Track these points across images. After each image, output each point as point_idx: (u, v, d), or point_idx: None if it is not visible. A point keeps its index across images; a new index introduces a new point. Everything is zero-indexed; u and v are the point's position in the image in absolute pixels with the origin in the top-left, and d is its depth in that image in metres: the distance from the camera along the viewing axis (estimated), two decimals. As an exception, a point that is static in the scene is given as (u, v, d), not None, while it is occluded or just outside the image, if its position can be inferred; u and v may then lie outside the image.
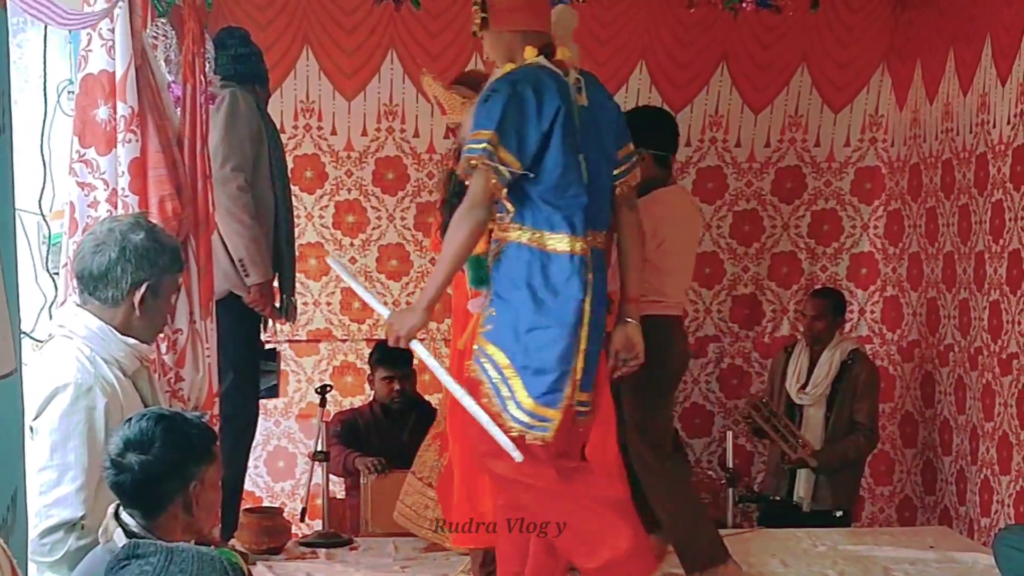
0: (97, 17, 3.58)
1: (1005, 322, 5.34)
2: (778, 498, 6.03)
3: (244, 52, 5.02)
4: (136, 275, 3.28)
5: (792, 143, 6.72)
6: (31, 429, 3.08)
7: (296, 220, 5.74)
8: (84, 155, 3.78)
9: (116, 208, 3.74)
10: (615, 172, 3.99)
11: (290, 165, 5.83)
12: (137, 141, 3.78)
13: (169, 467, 2.76)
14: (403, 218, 6.58)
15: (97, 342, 3.25)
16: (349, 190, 6.54)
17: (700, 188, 6.67)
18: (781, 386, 6.17)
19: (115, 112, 3.74)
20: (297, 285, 5.69)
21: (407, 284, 6.62)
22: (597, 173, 3.92)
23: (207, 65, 4.30)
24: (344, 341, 6.63)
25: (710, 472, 6.63)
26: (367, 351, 6.35)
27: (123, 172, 3.76)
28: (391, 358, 5.82)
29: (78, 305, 3.34)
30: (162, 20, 3.93)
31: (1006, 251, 5.32)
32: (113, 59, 3.74)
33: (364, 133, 6.50)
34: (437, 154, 6.46)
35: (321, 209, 6.53)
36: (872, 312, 6.77)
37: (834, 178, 6.76)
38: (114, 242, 3.28)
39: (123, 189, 3.76)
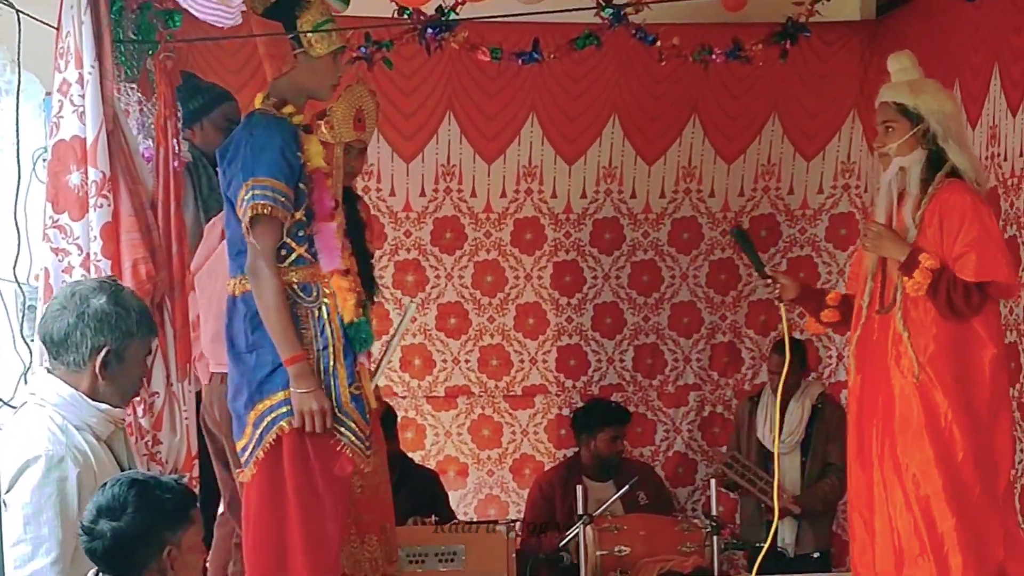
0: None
1: (1023, 364, 5.04)
2: (759, 544, 6.00)
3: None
4: (96, 340, 3.22)
5: (766, 191, 6.75)
6: (4, 504, 3.04)
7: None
8: (57, 220, 3.80)
9: (90, 273, 3.74)
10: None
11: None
12: (109, 206, 3.79)
13: (141, 533, 2.74)
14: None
15: (69, 409, 3.20)
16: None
17: (676, 239, 6.71)
18: (749, 435, 6.19)
19: (87, 177, 3.76)
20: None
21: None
22: (228, 219, 3.86)
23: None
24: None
25: (695, 520, 6.59)
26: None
27: (95, 237, 3.77)
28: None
29: (48, 371, 3.30)
30: (131, 85, 3.95)
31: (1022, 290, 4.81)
32: (84, 124, 3.77)
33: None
34: (413, 213, 6.50)
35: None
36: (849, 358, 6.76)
37: (809, 225, 6.79)
38: (74, 307, 3.23)
39: (95, 254, 3.77)
